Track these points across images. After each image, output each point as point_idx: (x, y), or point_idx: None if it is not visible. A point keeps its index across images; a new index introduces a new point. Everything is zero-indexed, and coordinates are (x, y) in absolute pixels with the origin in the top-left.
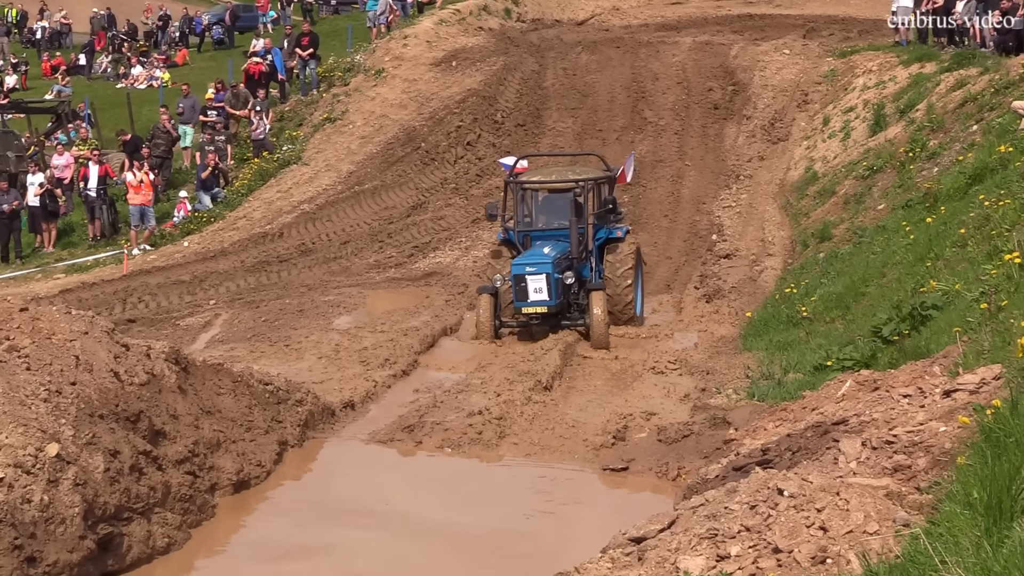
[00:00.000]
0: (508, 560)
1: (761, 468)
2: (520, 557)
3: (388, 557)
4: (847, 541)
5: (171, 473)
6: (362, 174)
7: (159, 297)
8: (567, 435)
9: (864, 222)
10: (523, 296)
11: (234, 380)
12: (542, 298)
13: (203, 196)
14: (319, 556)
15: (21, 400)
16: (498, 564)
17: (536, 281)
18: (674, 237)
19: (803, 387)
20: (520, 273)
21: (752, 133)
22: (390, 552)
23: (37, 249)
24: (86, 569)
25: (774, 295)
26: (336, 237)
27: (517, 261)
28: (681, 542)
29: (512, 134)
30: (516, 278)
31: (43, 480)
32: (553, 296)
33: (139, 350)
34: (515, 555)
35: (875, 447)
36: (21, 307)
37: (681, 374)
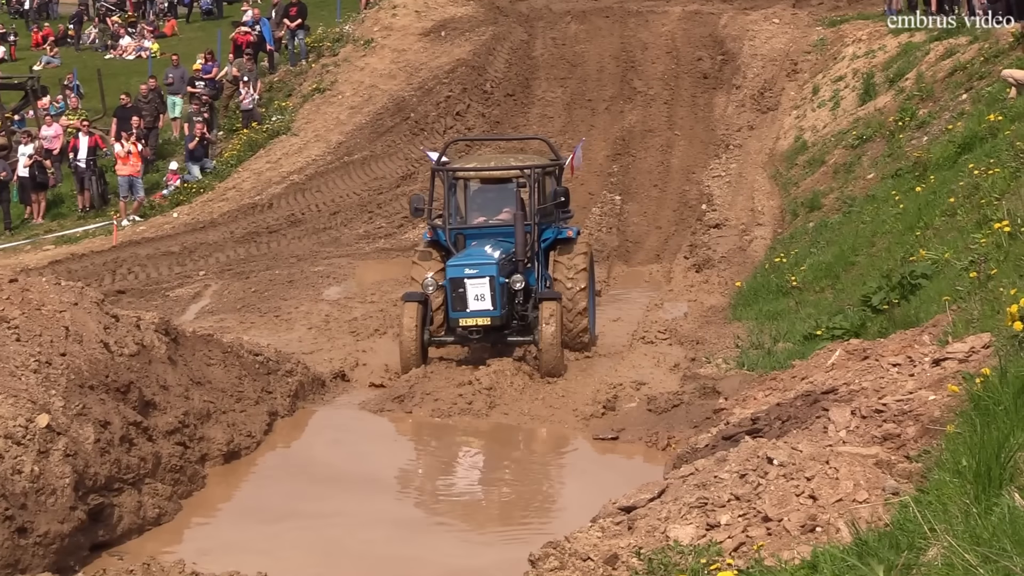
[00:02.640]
0: (498, 529)
1: (751, 437)
2: (510, 526)
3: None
4: (836, 509)
5: (161, 444)
6: (351, 145)
7: (148, 268)
8: (557, 405)
9: (854, 191)
10: (461, 305)
11: (224, 351)
12: (484, 307)
13: (192, 167)
14: (309, 525)
15: (11, 371)
16: (488, 533)
17: (477, 286)
18: (663, 207)
19: (793, 356)
20: (458, 276)
21: (742, 103)
22: (379, 520)
23: (26, 220)
24: (77, 540)
25: (764, 265)
26: (326, 208)
27: (454, 262)
28: (671, 511)
29: (501, 104)
30: (453, 282)
31: (33, 451)
32: (498, 305)
33: (129, 321)
34: (506, 524)
35: (865, 416)
36: (11, 278)
37: (671, 344)
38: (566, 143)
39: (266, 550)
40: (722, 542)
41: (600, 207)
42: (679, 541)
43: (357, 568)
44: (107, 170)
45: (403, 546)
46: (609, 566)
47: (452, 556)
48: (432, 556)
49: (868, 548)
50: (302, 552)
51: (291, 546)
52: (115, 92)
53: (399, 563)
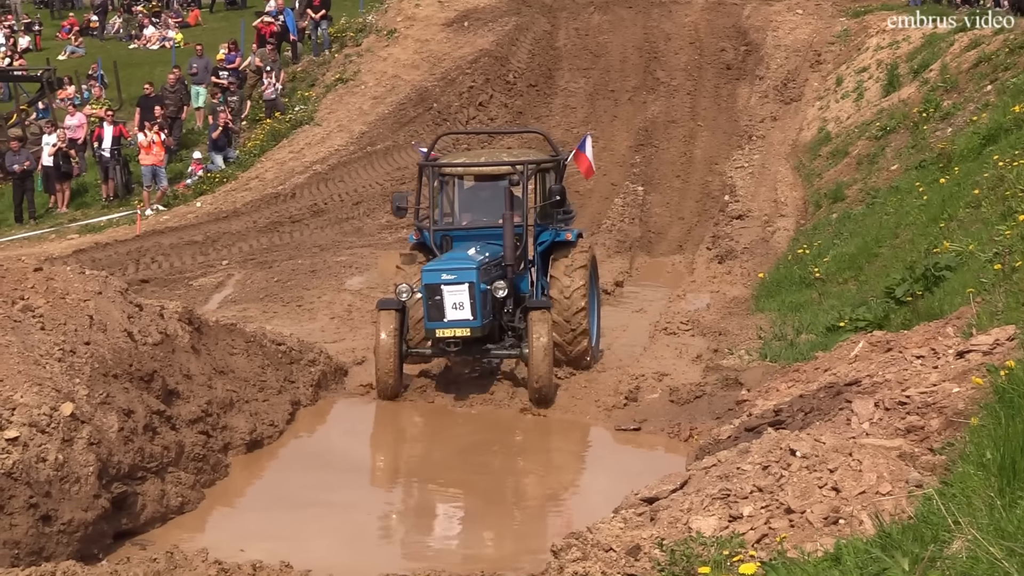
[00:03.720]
0: (521, 519)
1: (773, 429)
2: (533, 516)
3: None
4: (860, 502)
5: (185, 433)
6: (374, 135)
7: (172, 257)
8: (579, 395)
9: (877, 183)
10: (438, 314)
11: (247, 340)
12: (463, 317)
13: (215, 157)
14: (332, 513)
15: (36, 359)
16: (510, 524)
17: (455, 293)
18: (686, 198)
19: (816, 348)
20: (434, 282)
21: (765, 93)
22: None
23: (51, 209)
24: (101, 528)
25: (786, 256)
26: (348, 198)
27: (430, 266)
28: (693, 502)
29: (524, 95)
30: (428, 289)
31: (58, 439)
32: (478, 314)
33: (152, 310)
34: (528, 514)
35: (888, 408)
36: (35, 267)
37: (693, 335)
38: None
39: (289, 538)
40: (745, 534)
41: (623, 198)
42: (701, 532)
43: (379, 557)
44: (131, 159)
45: (425, 535)
46: (631, 557)
47: (474, 546)
48: (454, 545)
49: (891, 540)
50: (325, 540)
51: (314, 534)
52: (139, 82)
53: (421, 552)
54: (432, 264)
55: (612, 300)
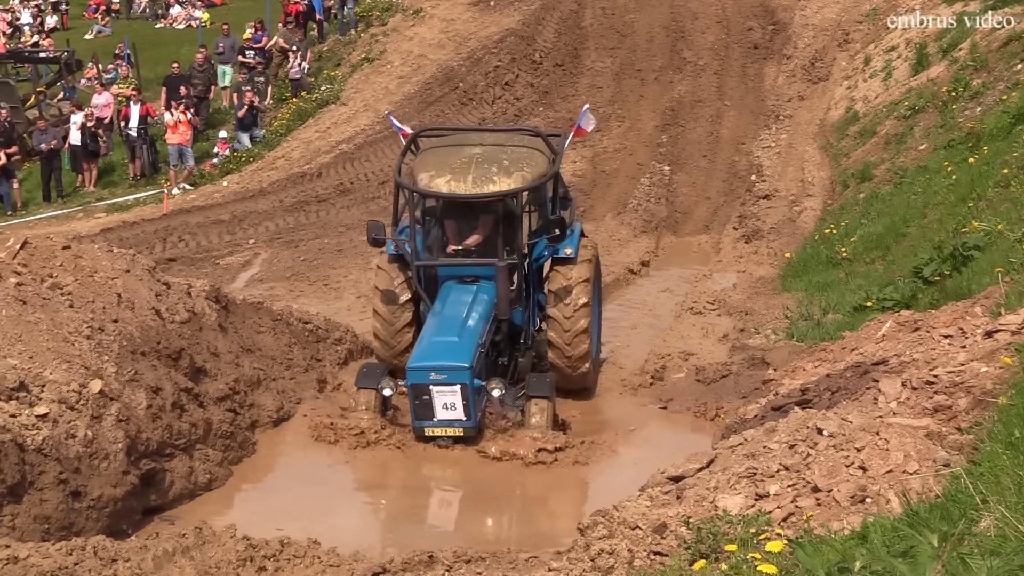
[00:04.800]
0: (547, 498)
1: (800, 408)
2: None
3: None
4: (887, 480)
5: (212, 410)
6: (400, 114)
7: (199, 236)
8: (606, 373)
9: (905, 162)
10: (427, 414)
11: (274, 319)
12: (455, 417)
13: (241, 136)
14: (358, 491)
15: (64, 337)
16: (537, 502)
17: (446, 394)
18: (713, 177)
19: (843, 328)
20: (421, 383)
21: (792, 73)
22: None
23: (78, 188)
24: (129, 504)
25: (814, 236)
26: (374, 177)
27: (416, 362)
28: (720, 481)
29: (550, 74)
30: (415, 389)
31: (87, 416)
32: (472, 415)
33: (180, 288)
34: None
35: (915, 387)
36: (64, 245)
37: (720, 314)
38: (615, 113)
39: (316, 516)
40: (771, 512)
41: (649, 177)
42: (728, 511)
43: (406, 534)
44: (158, 139)
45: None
46: (658, 535)
47: (500, 525)
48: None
49: (919, 519)
50: (351, 518)
51: (340, 512)
52: (166, 61)
53: (448, 529)
54: (418, 356)
55: (638, 279)
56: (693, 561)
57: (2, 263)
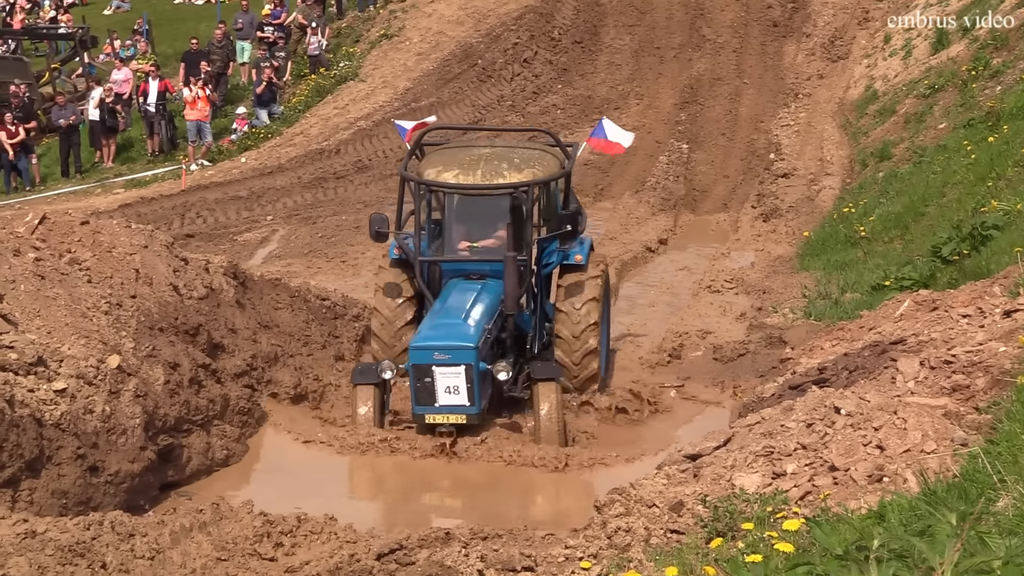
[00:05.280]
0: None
1: (818, 387)
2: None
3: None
4: (904, 460)
5: (230, 386)
6: (418, 91)
7: (217, 212)
8: (623, 351)
9: (925, 141)
10: (428, 399)
11: (291, 295)
12: (458, 402)
13: (260, 112)
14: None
15: (83, 312)
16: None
17: (449, 376)
18: (731, 156)
19: (861, 307)
20: (424, 363)
21: (812, 51)
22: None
23: (97, 164)
24: (147, 479)
25: (832, 214)
26: (392, 154)
27: (419, 340)
28: (737, 459)
29: (569, 51)
30: (417, 370)
31: (105, 391)
32: (476, 400)
33: (198, 264)
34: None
35: (933, 367)
36: (82, 220)
37: (737, 293)
38: (633, 91)
39: (333, 491)
40: (788, 491)
41: (667, 155)
42: (745, 489)
43: (425, 510)
44: (176, 115)
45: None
46: (674, 512)
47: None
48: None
49: (936, 498)
50: (369, 493)
51: (358, 487)
52: (184, 37)
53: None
54: (422, 335)
55: (656, 258)
56: (710, 539)
57: (21, 238)
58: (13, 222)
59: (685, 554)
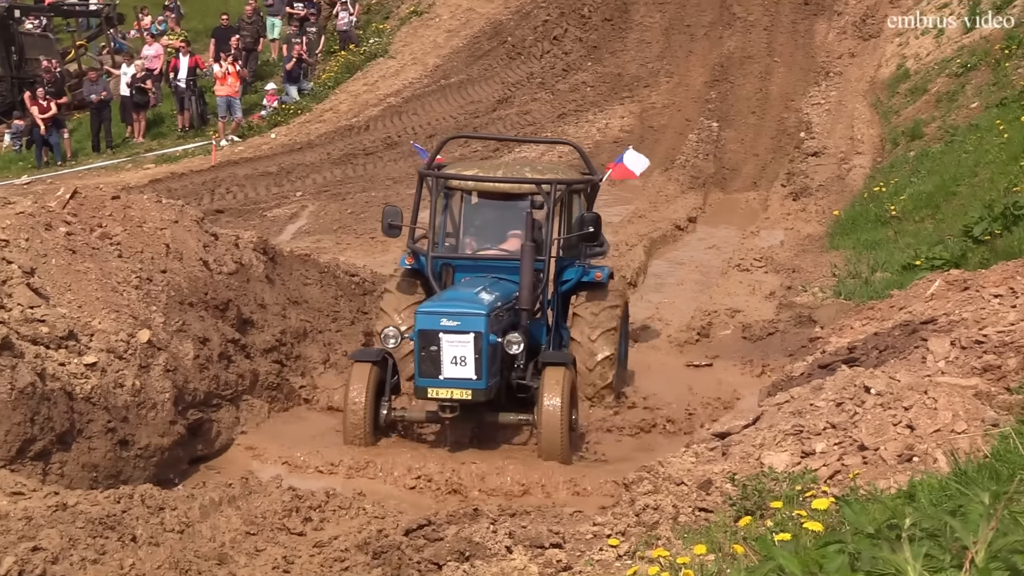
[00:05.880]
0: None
1: (847, 366)
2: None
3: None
4: (934, 440)
5: (259, 361)
6: (448, 68)
7: (246, 188)
8: (652, 329)
9: (956, 120)
10: (432, 369)
11: (321, 271)
12: (465, 375)
13: (290, 88)
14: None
15: (113, 287)
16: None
17: (457, 345)
18: (761, 134)
19: (891, 286)
20: (430, 328)
21: (843, 29)
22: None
23: (127, 139)
24: (177, 453)
25: (862, 193)
26: (422, 131)
27: (427, 306)
28: (766, 438)
29: (599, 29)
30: (423, 336)
31: (135, 365)
32: (484, 374)
33: (228, 240)
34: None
35: (964, 347)
36: (113, 195)
37: (767, 272)
38: (663, 68)
39: (361, 467)
40: (817, 470)
41: (697, 133)
42: (774, 468)
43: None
44: (206, 90)
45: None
46: (703, 491)
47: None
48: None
49: (967, 478)
50: (398, 469)
51: (386, 463)
52: (215, 13)
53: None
54: (430, 303)
55: (685, 236)
56: (738, 518)
57: (52, 213)
58: (44, 196)
59: (713, 532)
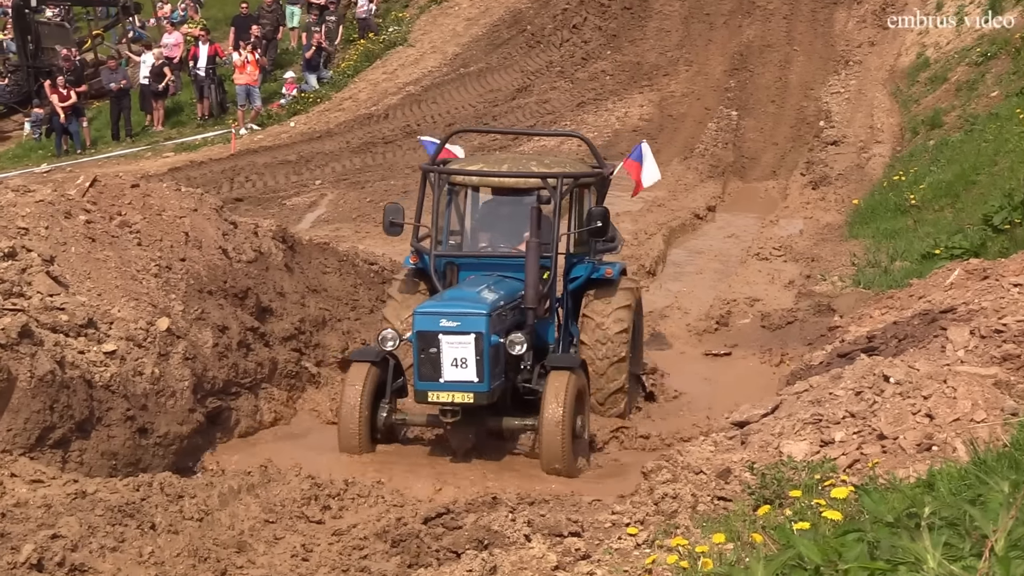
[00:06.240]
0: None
1: (866, 355)
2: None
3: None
4: (954, 429)
5: (278, 350)
6: (467, 56)
7: (266, 176)
8: (671, 318)
9: (976, 109)
10: (432, 372)
11: (340, 259)
12: (466, 377)
13: (309, 77)
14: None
15: (132, 275)
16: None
17: (457, 346)
18: (781, 123)
19: (910, 275)
20: (429, 330)
21: (863, 18)
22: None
23: (147, 127)
24: (195, 442)
25: (882, 182)
26: (441, 119)
27: (426, 307)
28: (785, 427)
29: (618, 17)
30: (422, 338)
31: (154, 353)
32: (486, 376)
33: (247, 228)
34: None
35: (984, 336)
36: (132, 183)
37: (786, 260)
38: (683, 57)
39: (380, 458)
40: (836, 459)
41: (716, 122)
42: (792, 456)
43: (474, 475)
44: (226, 79)
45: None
46: (722, 479)
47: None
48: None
49: (987, 467)
50: (418, 459)
51: (406, 454)
52: (234, 1)
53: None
54: (429, 303)
55: (704, 224)
56: (757, 506)
57: (72, 201)
58: (64, 185)
59: (732, 521)
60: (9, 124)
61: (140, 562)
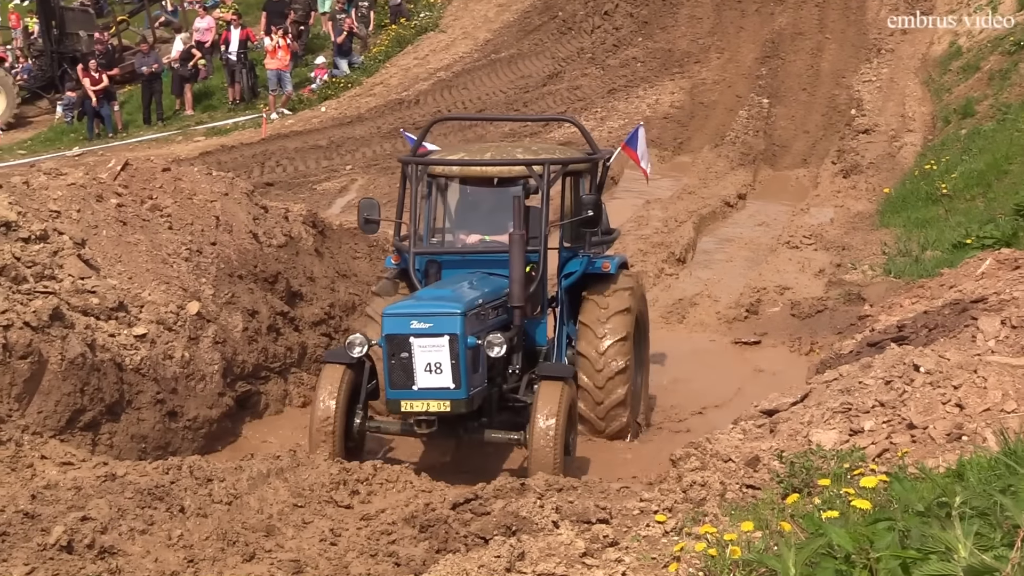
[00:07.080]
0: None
1: (896, 344)
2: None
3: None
4: (984, 419)
5: (307, 334)
6: (499, 42)
7: (296, 161)
8: (701, 306)
9: (1009, 99)
10: (404, 379)
11: (369, 245)
12: (440, 384)
13: (340, 62)
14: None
15: (163, 258)
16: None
17: (430, 350)
18: (812, 111)
19: (941, 265)
20: (399, 332)
21: (895, 6)
22: None
23: (178, 112)
24: (225, 425)
25: (913, 171)
26: (472, 105)
27: (395, 308)
28: (814, 415)
29: (650, 4)
30: (391, 342)
31: (184, 337)
32: (463, 382)
33: (277, 212)
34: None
35: (1015, 326)
36: (164, 167)
37: (816, 249)
38: (714, 44)
39: (409, 441)
40: (865, 448)
41: (747, 110)
42: (821, 445)
43: (498, 461)
44: (257, 64)
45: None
46: (750, 468)
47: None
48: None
49: (1017, 458)
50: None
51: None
52: None
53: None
54: (399, 304)
55: (734, 213)
56: (786, 495)
57: (103, 184)
58: (96, 168)
59: (761, 509)
60: (32, 109)
61: (169, 545)
